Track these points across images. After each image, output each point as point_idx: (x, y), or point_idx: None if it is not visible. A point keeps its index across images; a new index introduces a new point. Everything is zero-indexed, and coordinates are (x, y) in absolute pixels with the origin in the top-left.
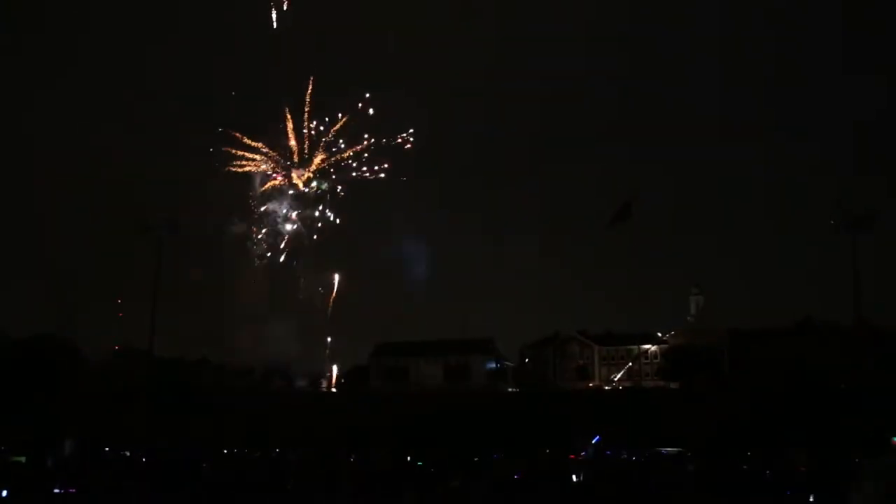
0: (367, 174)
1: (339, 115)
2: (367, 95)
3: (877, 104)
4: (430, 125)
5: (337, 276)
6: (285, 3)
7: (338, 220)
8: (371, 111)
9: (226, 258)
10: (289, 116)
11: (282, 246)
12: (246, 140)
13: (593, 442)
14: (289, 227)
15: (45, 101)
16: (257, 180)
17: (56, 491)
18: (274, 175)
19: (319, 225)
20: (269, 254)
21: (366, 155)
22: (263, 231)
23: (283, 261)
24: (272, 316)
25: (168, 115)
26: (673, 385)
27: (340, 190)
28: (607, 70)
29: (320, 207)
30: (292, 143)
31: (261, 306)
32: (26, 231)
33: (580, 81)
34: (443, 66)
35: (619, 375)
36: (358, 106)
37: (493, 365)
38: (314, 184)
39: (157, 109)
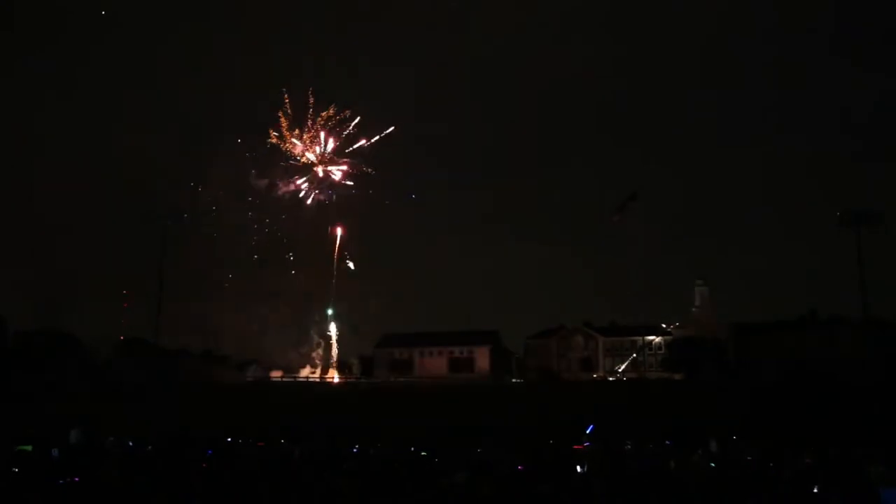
0: (369, 169)
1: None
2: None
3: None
4: (434, 118)
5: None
6: None
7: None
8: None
9: (225, 249)
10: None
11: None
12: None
13: (587, 432)
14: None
15: (51, 99)
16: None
17: (60, 482)
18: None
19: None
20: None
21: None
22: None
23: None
24: (277, 307)
25: (172, 113)
26: (677, 376)
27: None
28: (611, 68)
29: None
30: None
31: (266, 298)
32: (32, 224)
33: (585, 78)
34: (445, 63)
35: (623, 366)
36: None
37: (498, 356)
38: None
39: (162, 108)
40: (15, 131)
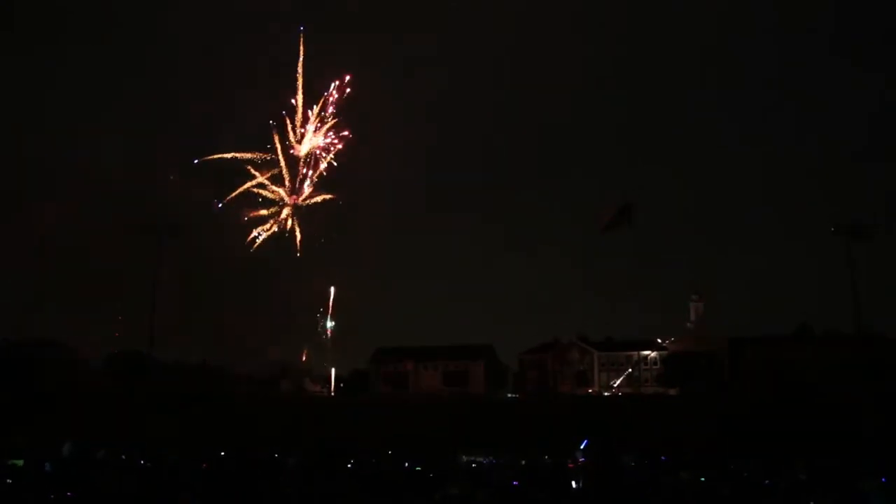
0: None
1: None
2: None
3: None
4: (431, 127)
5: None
6: None
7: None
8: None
9: (225, 262)
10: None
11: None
12: None
13: (581, 447)
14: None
15: (46, 105)
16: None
17: (52, 496)
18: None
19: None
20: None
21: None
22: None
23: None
24: (272, 320)
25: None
26: (672, 391)
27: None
28: (611, 68)
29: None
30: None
31: (260, 311)
32: (27, 231)
33: (580, 84)
34: (446, 67)
35: (618, 381)
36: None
37: (493, 371)
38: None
39: (161, 109)
40: (14, 131)
